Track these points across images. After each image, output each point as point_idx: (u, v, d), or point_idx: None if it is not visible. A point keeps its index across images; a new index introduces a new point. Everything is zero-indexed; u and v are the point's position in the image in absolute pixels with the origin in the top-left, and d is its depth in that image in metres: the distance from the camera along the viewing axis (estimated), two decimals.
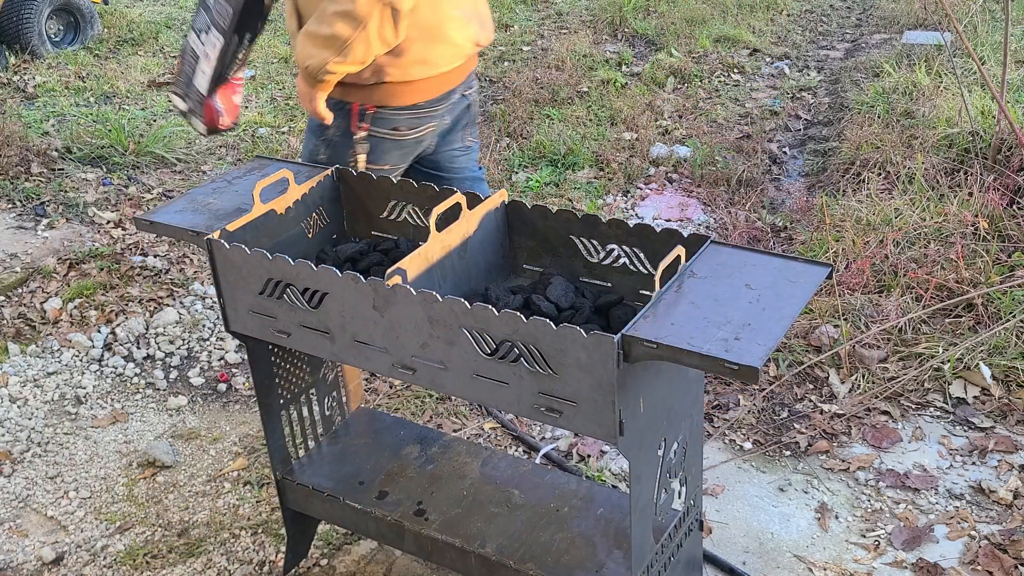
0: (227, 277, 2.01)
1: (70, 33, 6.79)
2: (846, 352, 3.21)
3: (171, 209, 2.19)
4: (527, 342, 1.65)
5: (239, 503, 2.79)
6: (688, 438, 1.97)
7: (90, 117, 5.45)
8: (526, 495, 2.24)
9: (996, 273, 3.44)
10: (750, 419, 3.04)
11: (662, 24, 7.11)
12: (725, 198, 4.60)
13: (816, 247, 3.82)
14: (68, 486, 2.88)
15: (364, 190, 2.27)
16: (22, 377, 3.35)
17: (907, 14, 7.22)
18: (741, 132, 5.38)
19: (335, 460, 2.41)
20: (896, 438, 2.93)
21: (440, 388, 1.82)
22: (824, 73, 6.40)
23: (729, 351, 1.54)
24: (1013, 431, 2.93)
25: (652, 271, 1.93)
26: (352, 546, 2.60)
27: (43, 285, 3.85)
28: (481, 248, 2.05)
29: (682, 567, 2.14)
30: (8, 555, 2.64)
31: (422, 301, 1.73)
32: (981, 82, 4.96)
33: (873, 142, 4.63)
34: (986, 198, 3.82)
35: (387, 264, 2.04)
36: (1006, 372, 3.11)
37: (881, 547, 2.55)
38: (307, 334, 1.95)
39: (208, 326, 3.63)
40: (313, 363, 2.41)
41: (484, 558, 2.09)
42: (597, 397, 1.62)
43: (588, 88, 5.90)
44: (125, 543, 2.67)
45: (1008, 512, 2.64)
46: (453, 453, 2.39)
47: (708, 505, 2.70)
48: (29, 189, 4.60)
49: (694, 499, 2.11)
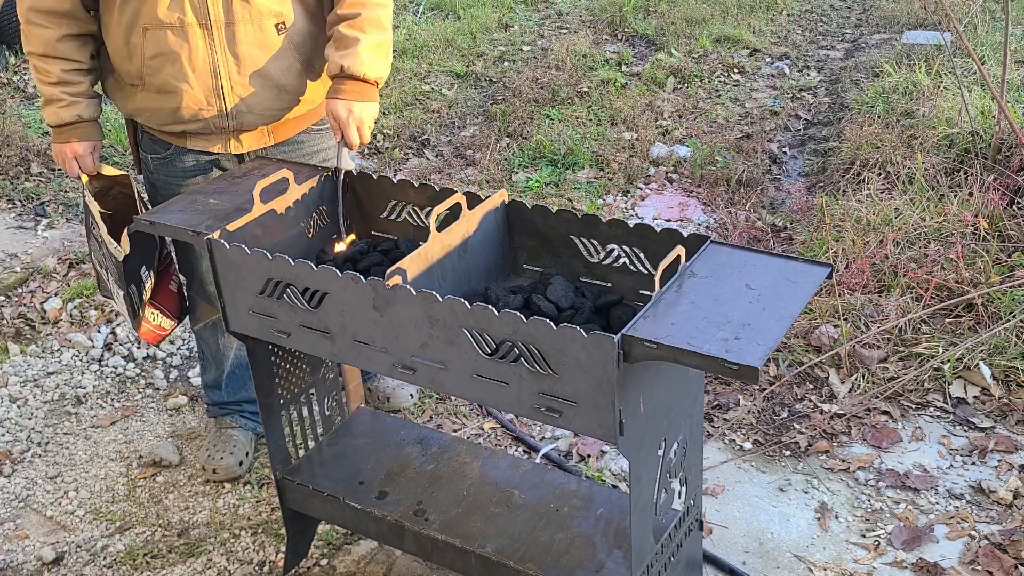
0: (227, 277, 2.01)
1: None
2: (846, 352, 3.21)
3: (171, 209, 2.19)
4: (527, 342, 1.65)
5: (239, 503, 2.79)
6: (688, 438, 1.97)
7: None
8: (526, 495, 2.24)
9: (996, 273, 3.44)
10: (750, 419, 3.04)
11: (662, 24, 7.11)
12: (725, 198, 4.60)
13: (816, 247, 3.82)
14: (68, 486, 2.88)
15: (364, 190, 2.27)
16: (22, 377, 3.35)
17: (907, 14, 7.22)
18: (741, 132, 5.38)
19: (335, 460, 2.41)
20: (896, 438, 2.93)
21: (440, 388, 1.82)
22: (824, 73, 6.39)
23: (729, 351, 1.54)
24: (1013, 431, 2.93)
25: (652, 271, 1.93)
26: (352, 546, 2.60)
27: (43, 285, 3.85)
28: (481, 248, 2.05)
29: (682, 567, 2.14)
30: (8, 555, 2.64)
31: (422, 301, 1.73)
32: (981, 82, 4.95)
33: (873, 142, 4.63)
34: (986, 198, 3.82)
35: (387, 264, 2.04)
36: (1006, 372, 3.11)
37: (881, 547, 2.55)
38: (307, 334, 1.95)
39: None
40: (313, 363, 2.41)
41: (484, 558, 2.09)
42: (597, 397, 1.62)
43: (588, 88, 5.90)
44: (125, 543, 2.67)
45: (1008, 512, 2.64)
46: (453, 453, 2.39)
47: (708, 505, 2.70)
48: (29, 189, 4.60)
49: (694, 499, 2.11)
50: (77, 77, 2.39)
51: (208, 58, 2.29)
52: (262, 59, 2.33)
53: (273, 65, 2.35)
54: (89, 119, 2.45)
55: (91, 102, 2.45)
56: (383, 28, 2.31)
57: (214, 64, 2.30)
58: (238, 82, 2.33)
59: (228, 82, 2.32)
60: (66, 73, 2.37)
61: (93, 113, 2.46)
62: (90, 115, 2.45)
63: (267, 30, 2.30)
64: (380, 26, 2.30)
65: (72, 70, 2.38)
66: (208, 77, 2.31)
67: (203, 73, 2.30)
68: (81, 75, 2.40)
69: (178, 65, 2.29)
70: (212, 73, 2.31)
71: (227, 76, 2.32)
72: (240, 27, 2.28)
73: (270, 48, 2.33)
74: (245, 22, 2.28)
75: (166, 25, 2.25)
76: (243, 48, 2.30)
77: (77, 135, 2.43)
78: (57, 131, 2.44)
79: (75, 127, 2.43)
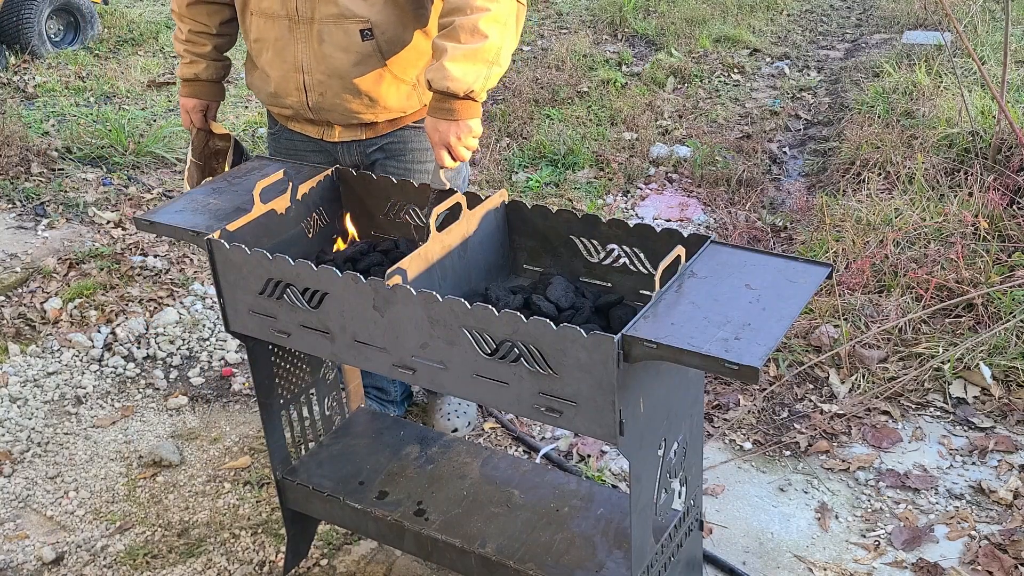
0: (227, 277, 2.01)
1: (70, 33, 6.80)
2: (846, 352, 3.21)
3: (171, 209, 2.19)
4: (527, 342, 1.65)
5: (239, 503, 2.79)
6: (688, 438, 1.97)
7: (90, 117, 5.45)
8: (526, 495, 2.24)
9: (996, 273, 3.44)
10: (750, 419, 3.04)
11: (662, 24, 7.11)
12: (725, 198, 4.60)
13: (816, 247, 3.82)
14: (68, 486, 2.88)
15: (364, 190, 2.27)
16: (22, 377, 3.35)
17: (907, 14, 7.22)
18: (741, 132, 5.38)
19: (335, 460, 2.41)
20: (896, 438, 2.93)
21: (440, 388, 1.82)
22: (824, 73, 6.40)
23: (729, 351, 1.54)
24: (1013, 431, 2.93)
25: (652, 271, 1.93)
26: (352, 546, 2.60)
27: (43, 285, 3.85)
28: (481, 248, 2.05)
29: (682, 567, 2.14)
30: (8, 555, 2.64)
31: (422, 301, 1.73)
32: (981, 82, 4.96)
33: (873, 142, 4.63)
34: (986, 198, 3.82)
35: (387, 264, 2.04)
36: (1006, 372, 3.11)
37: (881, 547, 2.55)
38: (307, 334, 1.94)
39: (208, 326, 3.63)
40: (313, 363, 2.41)
41: (484, 558, 2.09)
42: (597, 397, 1.62)
43: (588, 88, 5.90)
44: (125, 543, 2.67)
45: (1008, 512, 2.64)
46: (453, 453, 2.39)
47: (708, 505, 2.70)
48: (29, 189, 4.60)
49: (694, 499, 2.11)
50: (201, 39, 2.55)
51: (295, 52, 2.33)
52: (344, 62, 2.30)
53: (355, 70, 2.30)
54: (206, 79, 2.60)
55: (212, 64, 2.59)
56: (479, 34, 2.07)
57: (300, 58, 2.33)
58: (319, 80, 2.34)
59: (310, 78, 2.35)
60: (192, 34, 2.55)
61: (211, 75, 2.60)
62: (208, 76, 2.59)
63: (351, 34, 2.27)
64: (475, 32, 2.07)
65: (198, 32, 2.54)
66: (294, 70, 2.35)
67: (290, 65, 2.35)
68: (205, 38, 2.55)
69: (271, 53, 2.37)
70: (297, 67, 2.34)
71: (309, 72, 2.34)
72: (325, 27, 2.28)
73: (353, 52, 2.29)
74: (329, 23, 2.27)
75: (266, 14, 2.34)
76: (326, 48, 2.30)
77: (193, 91, 2.61)
78: (181, 84, 2.64)
79: (192, 84, 2.60)
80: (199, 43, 2.55)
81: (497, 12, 2.09)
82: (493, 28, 2.08)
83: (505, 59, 2.15)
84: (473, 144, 2.19)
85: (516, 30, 2.18)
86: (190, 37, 2.55)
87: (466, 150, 2.17)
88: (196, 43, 2.55)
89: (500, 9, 2.09)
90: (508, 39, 2.14)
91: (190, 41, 2.55)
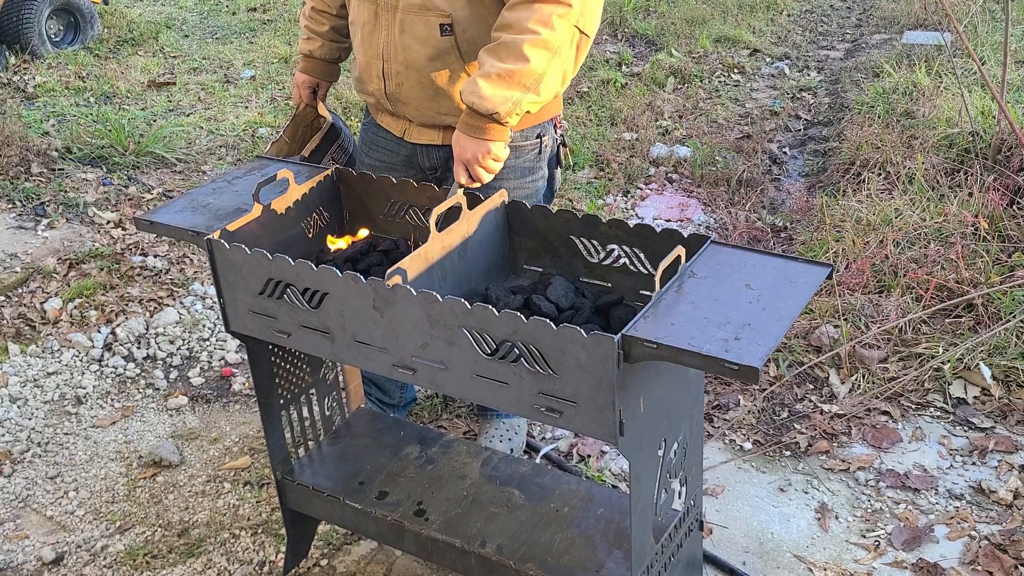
0: (227, 277, 2.01)
1: (70, 33, 6.79)
2: (846, 352, 3.21)
3: (171, 209, 2.19)
4: (527, 342, 1.64)
5: (239, 503, 2.79)
6: (688, 438, 1.97)
7: (90, 117, 5.45)
8: (526, 495, 2.24)
9: (996, 273, 3.44)
10: (750, 419, 3.04)
11: (662, 24, 7.11)
12: (725, 198, 4.60)
13: (816, 247, 3.82)
14: (68, 486, 2.88)
15: (364, 190, 2.27)
16: (22, 377, 3.35)
17: (907, 14, 7.22)
18: (741, 132, 5.38)
19: (335, 460, 2.41)
20: (896, 438, 2.93)
21: (440, 388, 1.82)
22: (824, 73, 6.40)
23: (729, 351, 1.54)
24: (1013, 431, 2.93)
25: (652, 271, 1.93)
26: (352, 546, 2.60)
27: (43, 285, 3.85)
28: (481, 248, 2.05)
29: (682, 567, 2.14)
30: (8, 555, 2.64)
31: (422, 301, 1.73)
32: (981, 82, 4.96)
33: (873, 142, 4.63)
34: (986, 198, 3.82)
35: (387, 264, 2.04)
36: (1006, 372, 3.11)
37: (881, 547, 2.55)
38: (307, 334, 1.94)
39: (208, 326, 3.63)
40: (313, 363, 2.41)
41: (484, 558, 2.09)
42: (597, 397, 1.62)
43: (588, 88, 5.90)
44: (125, 543, 2.67)
45: (1008, 512, 2.64)
46: (453, 453, 2.39)
47: (708, 505, 2.70)
48: (29, 189, 4.60)
49: (694, 499, 2.11)
50: (321, 18, 2.59)
51: (378, 38, 2.32)
52: (421, 54, 2.26)
53: (431, 64, 2.26)
54: (319, 58, 2.63)
55: (327, 43, 2.61)
56: (521, 57, 1.99)
57: (382, 46, 2.32)
58: (397, 70, 2.31)
59: (389, 66, 2.32)
60: (314, 12, 2.59)
61: (324, 54, 2.62)
62: (321, 55, 2.62)
63: (431, 27, 2.22)
64: (517, 54, 1.99)
65: (319, 11, 2.58)
66: (376, 57, 2.34)
67: (373, 52, 2.34)
68: (325, 17, 2.58)
69: (360, 37, 2.38)
70: (379, 54, 2.33)
71: (389, 60, 2.32)
72: (407, 17, 2.24)
73: (430, 45, 2.24)
74: (411, 13, 2.24)
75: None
76: (406, 39, 2.27)
77: (305, 67, 2.66)
78: (300, 59, 2.69)
79: (307, 60, 2.65)
80: (318, 21, 2.59)
81: (548, 37, 1.99)
82: (538, 53, 2.00)
83: (547, 89, 2.06)
84: (494, 167, 2.13)
85: (572, 60, 2.07)
86: (311, 14, 2.59)
87: (485, 172, 2.12)
88: (316, 20, 2.59)
89: (552, 36, 1.99)
90: (555, 68, 2.04)
91: (311, 18, 2.60)
